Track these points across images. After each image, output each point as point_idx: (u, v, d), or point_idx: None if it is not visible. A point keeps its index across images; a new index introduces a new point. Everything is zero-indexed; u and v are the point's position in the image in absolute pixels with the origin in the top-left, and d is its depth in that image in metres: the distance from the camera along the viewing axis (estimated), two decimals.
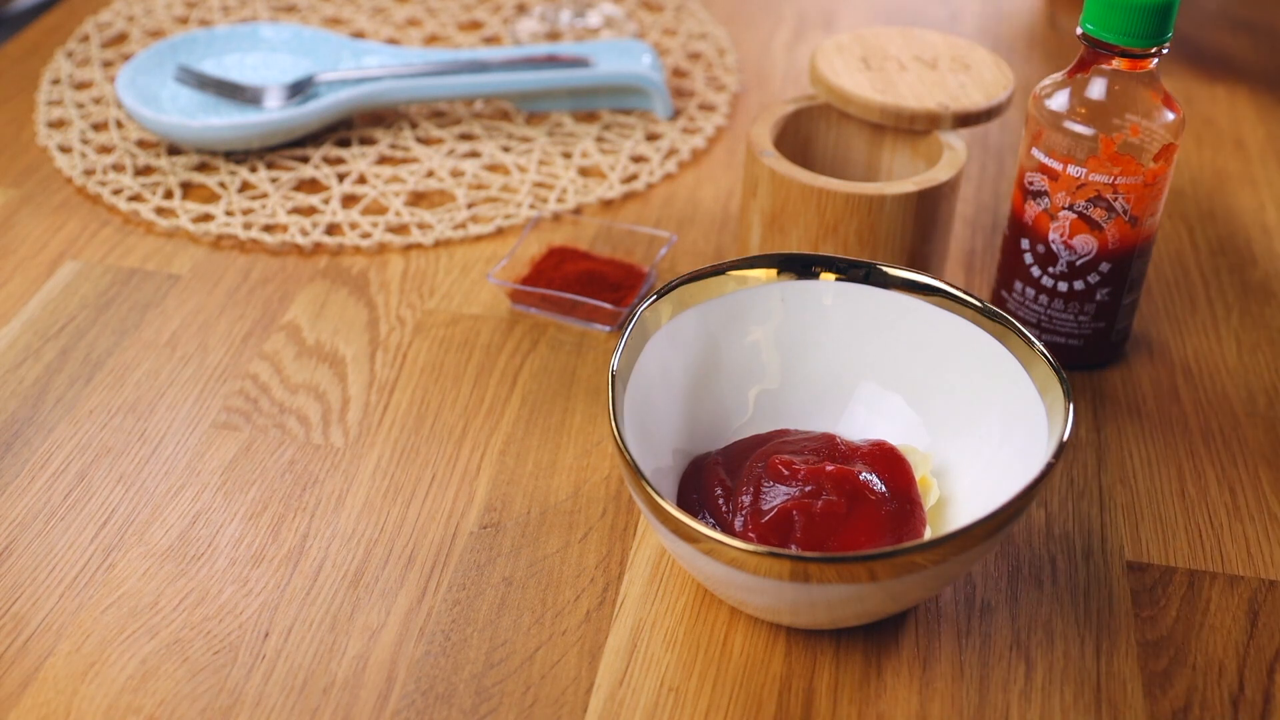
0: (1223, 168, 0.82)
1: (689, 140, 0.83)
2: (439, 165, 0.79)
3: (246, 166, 0.78)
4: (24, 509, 0.56)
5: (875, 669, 0.50)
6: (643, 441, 0.52)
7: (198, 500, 0.56)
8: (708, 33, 0.95)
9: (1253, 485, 0.59)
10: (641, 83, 0.83)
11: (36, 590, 0.52)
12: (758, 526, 0.50)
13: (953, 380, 0.55)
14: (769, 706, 0.49)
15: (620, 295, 0.66)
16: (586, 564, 0.54)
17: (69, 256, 0.71)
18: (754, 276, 0.56)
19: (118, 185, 0.76)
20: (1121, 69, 0.58)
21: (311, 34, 0.86)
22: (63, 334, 0.65)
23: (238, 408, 0.61)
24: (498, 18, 0.96)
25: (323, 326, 0.66)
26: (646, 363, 0.53)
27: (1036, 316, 0.64)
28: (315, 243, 0.72)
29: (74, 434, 0.59)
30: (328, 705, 0.48)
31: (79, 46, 0.91)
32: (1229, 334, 0.68)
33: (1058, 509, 0.57)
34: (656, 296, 0.54)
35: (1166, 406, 0.63)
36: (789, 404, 0.58)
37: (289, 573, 0.53)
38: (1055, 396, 0.50)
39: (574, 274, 0.67)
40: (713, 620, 0.52)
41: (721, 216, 0.76)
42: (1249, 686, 0.50)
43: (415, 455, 0.59)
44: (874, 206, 0.62)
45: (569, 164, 0.79)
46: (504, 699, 0.48)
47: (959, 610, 0.52)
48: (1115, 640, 0.51)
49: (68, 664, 0.49)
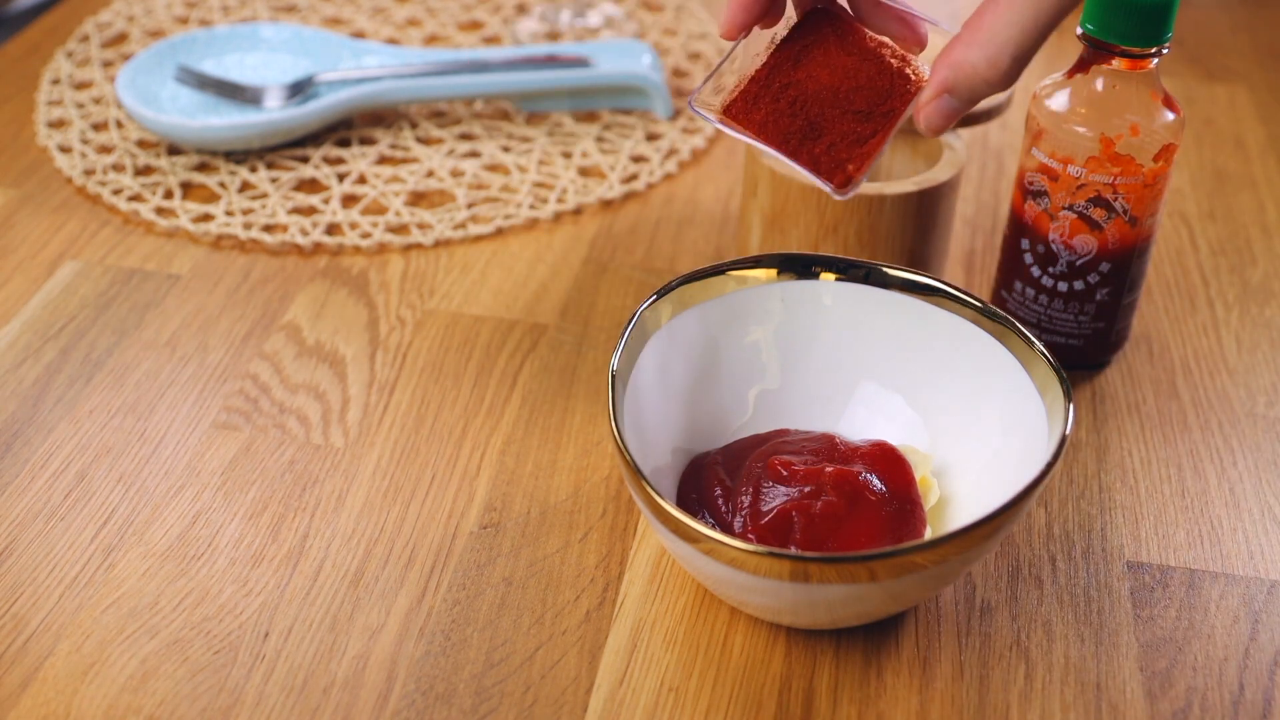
0: (1223, 168, 0.82)
1: (689, 140, 0.83)
2: (439, 165, 0.79)
3: (246, 166, 0.78)
4: (24, 509, 0.56)
5: (875, 669, 0.50)
6: (642, 441, 0.52)
7: (198, 500, 0.56)
8: (708, 33, 0.95)
9: (1253, 485, 0.59)
10: (641, 83, 0.83)
11: (36, 590, 0.52)
12: (757, 527, 0.50)
13: (953, 380, 0.55)
14: (769, 706, 0.49)
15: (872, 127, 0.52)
16: (586, 564, 0.54)
17: (69, 256, 0.71)
18: (754, 276, 0.56)
19: (118, 185, 0.76)
20: (1121, 69, 0.58)
21: (311, 34, 0.86)
22: (63, 334, 0.65)
23: (238, 408, 0.61)
24: (498, 18, 0.96)
25: (323, 326, 0.66)
26: (646, 363, 0.53)
27: (1036, 316, 0.64)
28: (315, 243, 0.72)
29: (74, 434, 0.59)
30: (328, 705, 0.48)
31: (79, 46, 0.91)
32: (1229, 334, 0.68)
33: (1058, 509, 0.57)
34: (656, 296, 0.54)
35: (1166, 406, 0.63)
36: (789, 404, 0.58)
37: (289, 573, 0.53)
38: (1055, 396, 0.50)
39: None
40: (713, 620, 0.52)
41: (721, 216, 0.76)
42: (1249, 687, 0.50)
43: (415, 455, 0.59)
44: (874, 206, 0.62)
45: (569, 164, 0.79)
46: (504, 699, 0.48)
47: (959, 610, 0.52)
48: (1115, 640, 0.51)
49: (68, 664, 0.49)
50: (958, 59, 0.47)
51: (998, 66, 0.47)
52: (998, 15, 0.47)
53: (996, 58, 0.47)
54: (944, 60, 0.48)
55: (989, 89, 0.47)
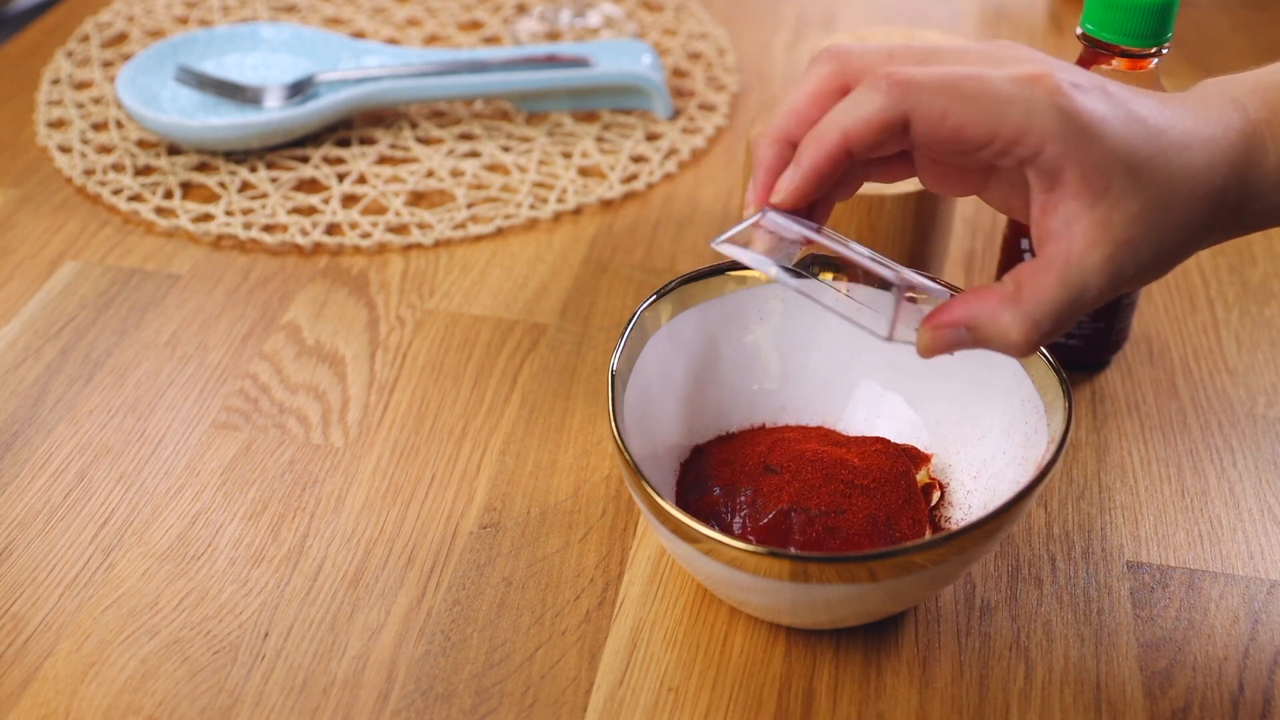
0: None
1: (689, 140, 0.83)
2: (439, 165, 0.79)
3: (246, 166, 0.78)
4: (24, 509, 0.56)
5: (875, 669, 0.50)
6: (642, 441, 0.52)
7: (197, 500, 0.56)
8: (708, 33, 0.95)
9: (1253, 485, 0.59)
10: (641, 83, 0.83)
11: (36, 590, 0.52)
12: (757, 527, 0.50)
13: (953, 380, 0.55)
14: (769, 706, 0.49)
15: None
16: (586, 564, 0.54)
17: (69, 256, 0.71)
18: (754, 276, 0.56)
19: (118, 185, 0.76)
20: (1121, 69, 0.58)
21: (311, 34, 0.86)
22: (63, 334, 0.65)
23: (238, 408, 0.61)
24: (498, 18, 0.96)
25: (322, 326, 0.66)
26: (646, 363, 0.53)
27: None
28: (315, 243, 0.72)
29: (74, 434, 0.59)
30: (327, 705, 0.48)
31: (79, 46, 0.91)
32: (1229, 334, 0.68)
33: (1058, 509, 0.57)
34: (656, 296, 0.54)
35: (1166, 406, 0.63)
36: (789, 404, 0.58)
37: (289, 573, 0.53)
38: (1055, 396, 0.50)
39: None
40: (713, 620, 0.52)
41: (721, 216, 0.76)
42: (1249, 686, 0.50)
43: (415, 455, 0.59)
44: (874, 207, 0.62)
45: (569, 164, 0.79)
46: (504, 699, 0.48)
47: (959, 610, 0.52)
48: (1115, 640, 0.51)
49: (68, 664, 0.49)
50: (993, 310, 0.42)
51: (1029, 338, 0.42)
52: (1050, 284, 0.42)
53: (1032, 332, 0.42)
54: (978, 300, 0.43)
55: (1005, 350, 0.43)
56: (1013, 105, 0.40)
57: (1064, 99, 0.40)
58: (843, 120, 0.42)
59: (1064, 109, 0.40)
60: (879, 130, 0.41)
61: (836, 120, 0.42)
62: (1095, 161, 0.40)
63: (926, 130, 0.41)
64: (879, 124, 0.41)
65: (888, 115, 0.41)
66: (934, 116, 0.41)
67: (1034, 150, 0.40)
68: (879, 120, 0.41)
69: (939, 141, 0.41)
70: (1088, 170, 0.41)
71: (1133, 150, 0.41)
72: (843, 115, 0.42)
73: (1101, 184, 0.41)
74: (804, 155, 0.43)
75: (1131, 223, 0.41)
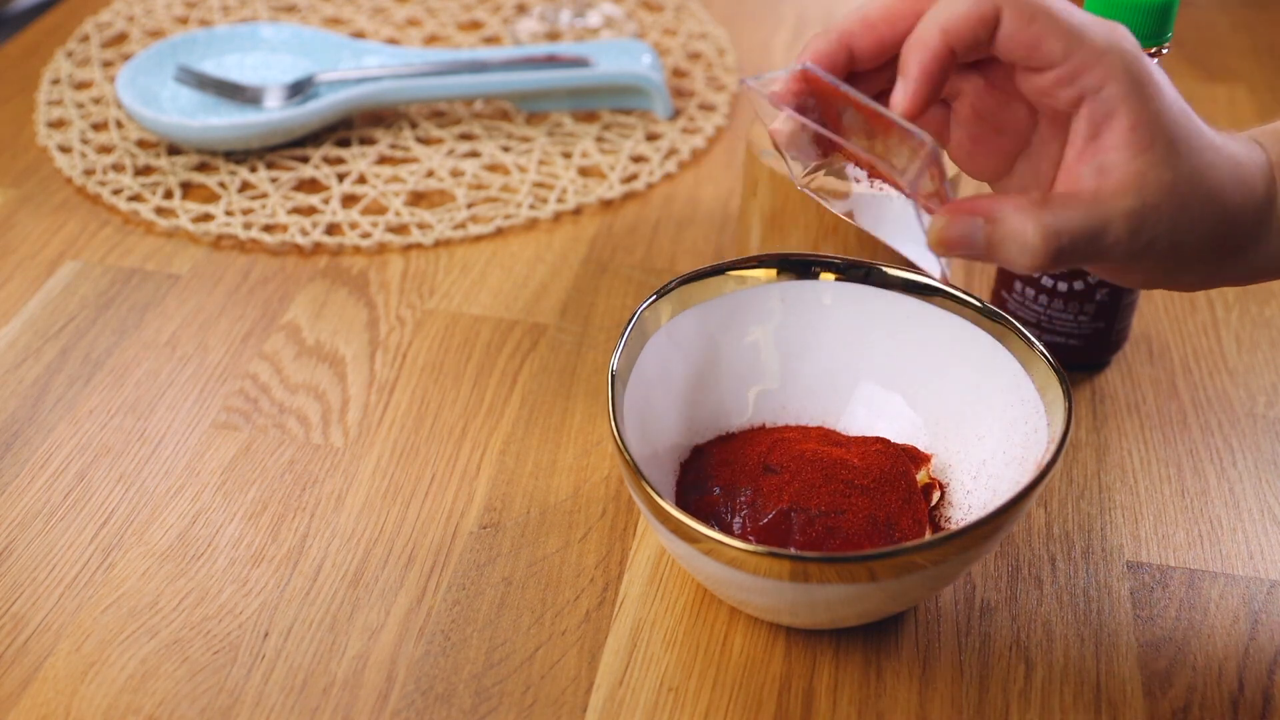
0: None
1: (689, 140, 0.83)
2: (439, 165, 0.79)
3: (246, 166, 0.78)
4: (24, 509, 0.56)
5: (875, 669, 0.50)
6: (642, 441, 0.52)
7: (197, 500, 0.56)
8: (708, 33, 0.95)
9: (1253, 485, 0.59)
10: (641, 83, 0.83)
11: (36, 590, 0.52)
12: (756, 527, 0.50)
13: (953, 380, 0.55)
14: (769, 706, 0.49)
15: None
16: (586, 564, 0.54)
17: (69, 256, 0.71)
18: (754, 276, 0.56)
19: (118, 185, 0.76)
20: None
21: (311, 34, 0.86)
22: (63, 334, 0.65)
23: (238, 408, 0.61)
24: (498, 18, 0.96)
25: (322, 326, 0.66)
26: (646, 363, 0.53)
27: (1036, 316, 0.64)
28: (315, 243, 0.72)
29: (74, 434, 0.59)
30: (327, 705, 0.48)
31: (79, 46, 0.91)
32: (1229, 333, 0.68)
33: (1058, 509, 0.57)
34: (656, 296, 0.54)
35: (1166, 406, 0.63)
36: (789, 404, 0.58)
37: (289, 573, 0.53)
38: (1055, 396, 0.50)
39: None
40: (713, 620, 0.52)
41: (721, 216, 0.76)
42: (1249, 686, 0.50)
43: (415, 455, 0.59)
44: None
45: (569, 164, 0.79)
46: (504, 699, 0.48)
47: (959, 610, 0.52)
48: (1115, 640, 0.51)
49: (68, 664, 0.49)
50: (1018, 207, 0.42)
51: (1046, 245, 0.42)
52: (1077, 206, 0.42)
53: (1051, 240, 0.41)
54: (1003, 198, 0.42)
55: (1016, 257, 0.42)
56: (1093, 35, 0.41)
57: (1137, 52, 0.42)
58: (940, 18, 0.42)
59: (1135, 58, 0.42)
60: (976, 24, 0.42)
61: (934, 20, 0.42)
62: (1148, 117, 0.42)
63: (1012, 31, 0.41)
64: (976, 17, 0.42)
65: (983, 7, 0.41)
66: (1023, 18, 0.41)
67: (1098, 84, 0.41)
68: (976, 13, 0.42)
69: (1018, 47, 0.42)
70: (1137, 123, 0.42)
71: (1177, 125, 0.42)
72: (939, 14, 0.42)
73: (1146, 141, 0.42)
74: (909, 64, 0.43)
75: (1161, 190, 0.42)
